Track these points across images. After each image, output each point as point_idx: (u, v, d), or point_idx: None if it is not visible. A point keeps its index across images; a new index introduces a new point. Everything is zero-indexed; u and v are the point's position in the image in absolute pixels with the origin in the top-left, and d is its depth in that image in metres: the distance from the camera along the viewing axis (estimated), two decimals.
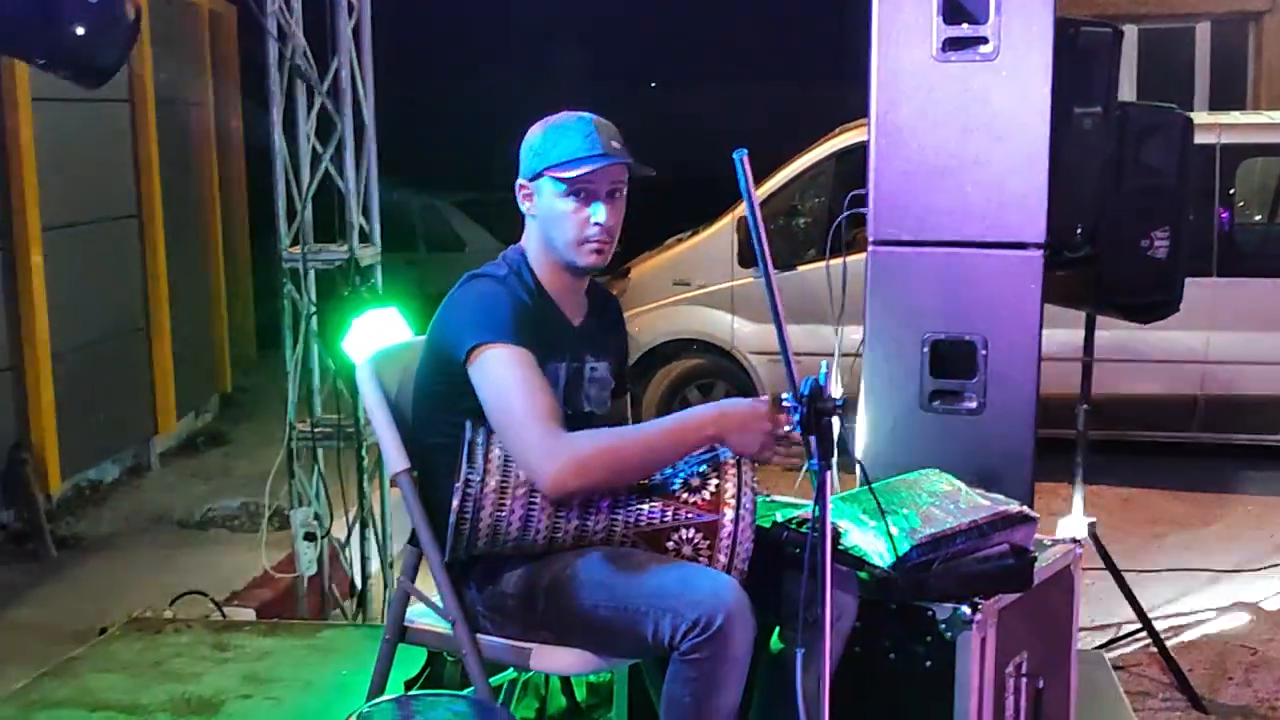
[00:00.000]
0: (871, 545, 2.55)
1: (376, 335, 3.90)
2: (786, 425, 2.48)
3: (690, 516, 2.56)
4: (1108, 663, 3.99)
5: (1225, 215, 7.06)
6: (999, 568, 2.65)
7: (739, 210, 7.41)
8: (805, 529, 2.53)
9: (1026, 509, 2.74)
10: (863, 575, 2.57)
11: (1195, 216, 5.80)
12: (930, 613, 2.66)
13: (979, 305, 3.51)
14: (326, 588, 5.08)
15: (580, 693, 3.58)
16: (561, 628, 2.62)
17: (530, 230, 2.77)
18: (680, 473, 2.59)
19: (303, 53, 4.83)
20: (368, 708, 2.39)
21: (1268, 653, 4.83)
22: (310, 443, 4.99)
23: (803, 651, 2.32)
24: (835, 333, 3.67)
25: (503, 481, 2.53)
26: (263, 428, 7.75)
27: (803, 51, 14.04)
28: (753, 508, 2.54)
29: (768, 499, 2.88)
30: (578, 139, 2.67)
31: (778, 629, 2.72)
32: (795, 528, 2.61)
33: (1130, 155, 4.09)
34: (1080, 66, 3.62)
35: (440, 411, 2.70)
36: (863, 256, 3.59)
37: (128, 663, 4.05)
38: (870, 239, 3.57)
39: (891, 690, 2.75)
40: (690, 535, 2.55)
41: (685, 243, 7.87)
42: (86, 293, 7.04)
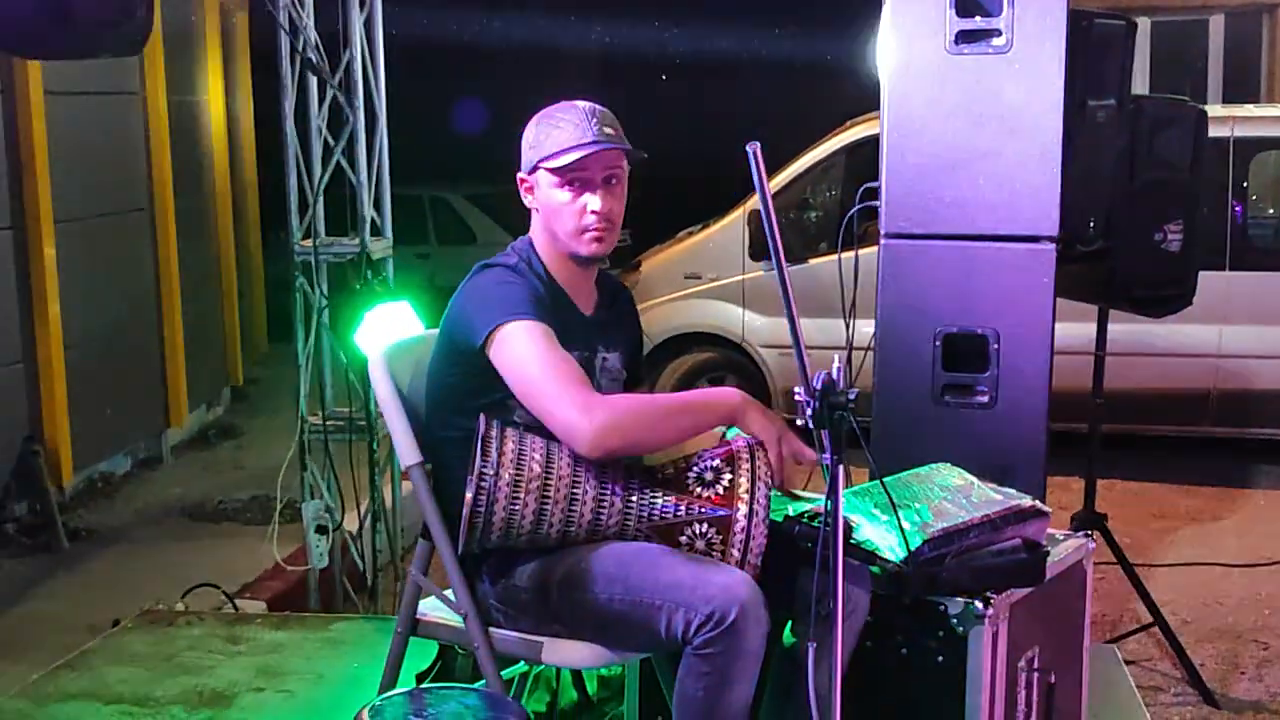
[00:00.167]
0: (883, 540, 2.55)
1: (388, 328, 3.91)
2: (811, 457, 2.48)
3: (704, 511, 2.55)
4: (1119, 657, 3.98)
5: (1239, 209, 7.04)
6: (1011, 562, 2.64)
7: (750, 203, 7.41)
8: (817, 523, 2.52)
9: (1039, 503, 2.73)
10: (875, 570, 2.57)
11: (1209, 210, 5.77)
12: (942, 607, 2.66)
13: (991, 299, 3.50)
14: (338, 580, 5.10)
15: (592, 686, 3.58)
16: (574, 621, 2.62)
17: (535, 223, 2.78)
18: (694, 467, 2.59)
19: (314, 45, 4.84)
20: (379, 700, 2.39)
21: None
22: (322, 436, 4.99)
23: (815, 646, 2.31)
24: (847, 326, 3.66)
25: (516, 475, 2.53)
26: (274, 421, 7.76)
27: (815, 45, 14.02)
28: (766, 503, 2.53)
29: (779, 494, 2.87)
30: (569, 128, 2.67)
31: (790, 623, 2.71)
32: (807, 522, 2.61)
33: (1144, 148, 4.07)
34: (1093, 59, 3.60)
35: (454, 404, 2.70)
36: (875, 250, 3.59)
37: (140, 655, 4.06)
38: (882, 232, 3.57)
39: (903, 684, 2.75)
40: (704, 530, 2.55)
41: (696, 236, 7.87)
42: (98, 286, 7.06)
